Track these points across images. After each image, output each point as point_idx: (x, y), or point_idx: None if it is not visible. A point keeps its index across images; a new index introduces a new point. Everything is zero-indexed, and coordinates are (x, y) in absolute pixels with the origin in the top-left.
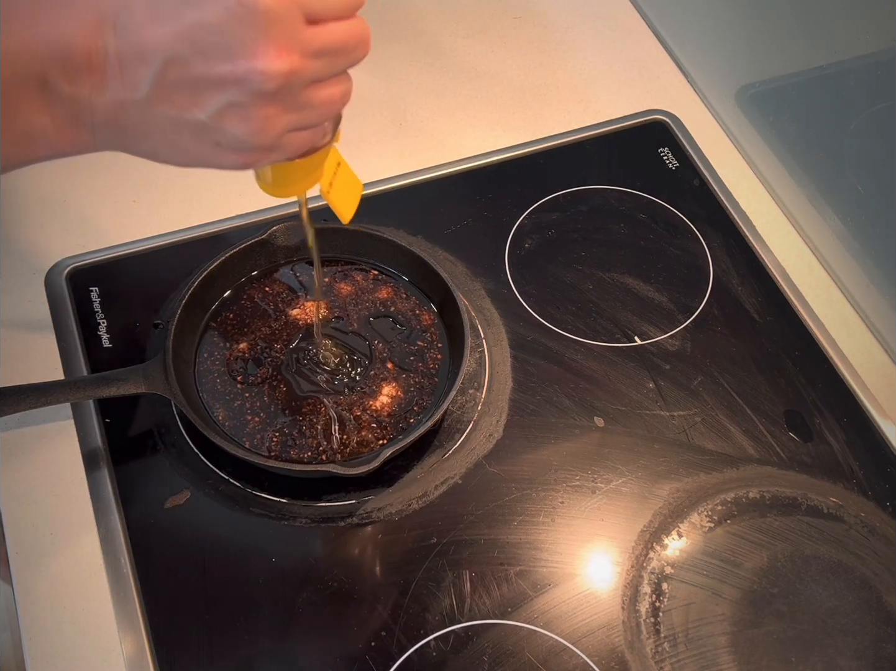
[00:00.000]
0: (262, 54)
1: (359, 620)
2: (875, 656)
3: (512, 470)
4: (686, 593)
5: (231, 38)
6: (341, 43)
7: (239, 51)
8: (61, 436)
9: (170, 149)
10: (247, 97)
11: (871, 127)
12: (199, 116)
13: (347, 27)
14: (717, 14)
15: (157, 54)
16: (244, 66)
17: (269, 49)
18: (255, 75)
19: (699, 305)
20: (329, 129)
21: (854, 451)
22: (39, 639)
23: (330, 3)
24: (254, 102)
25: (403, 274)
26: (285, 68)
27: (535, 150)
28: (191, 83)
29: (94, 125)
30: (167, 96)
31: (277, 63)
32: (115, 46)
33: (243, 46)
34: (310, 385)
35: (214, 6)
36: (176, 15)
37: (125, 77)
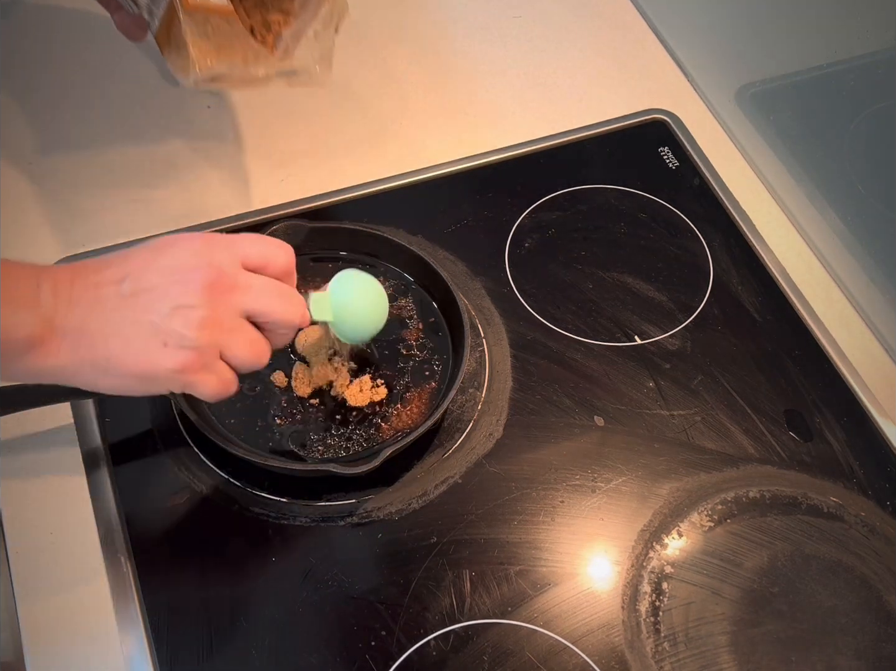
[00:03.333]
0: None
1: (359, 620)
2: (875, 655)
3: (512, 469)
4: (686, 592)
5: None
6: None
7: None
8: (61, 435)
9: (125, 352)
10: (192, 299)
11: (871, 127)
12: (152, 318)
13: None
14: (717, 14)
15: (117, 273)
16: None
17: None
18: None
19: (699, 305)
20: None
21: (854, 451)
22: (39, 639)
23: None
24: (197, 303)
25: (403, 273)
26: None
27: (535, 149)
28: (147, 293)
29: (65, 329)
30: (127, 305)
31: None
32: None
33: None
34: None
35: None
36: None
37: (89, 293)
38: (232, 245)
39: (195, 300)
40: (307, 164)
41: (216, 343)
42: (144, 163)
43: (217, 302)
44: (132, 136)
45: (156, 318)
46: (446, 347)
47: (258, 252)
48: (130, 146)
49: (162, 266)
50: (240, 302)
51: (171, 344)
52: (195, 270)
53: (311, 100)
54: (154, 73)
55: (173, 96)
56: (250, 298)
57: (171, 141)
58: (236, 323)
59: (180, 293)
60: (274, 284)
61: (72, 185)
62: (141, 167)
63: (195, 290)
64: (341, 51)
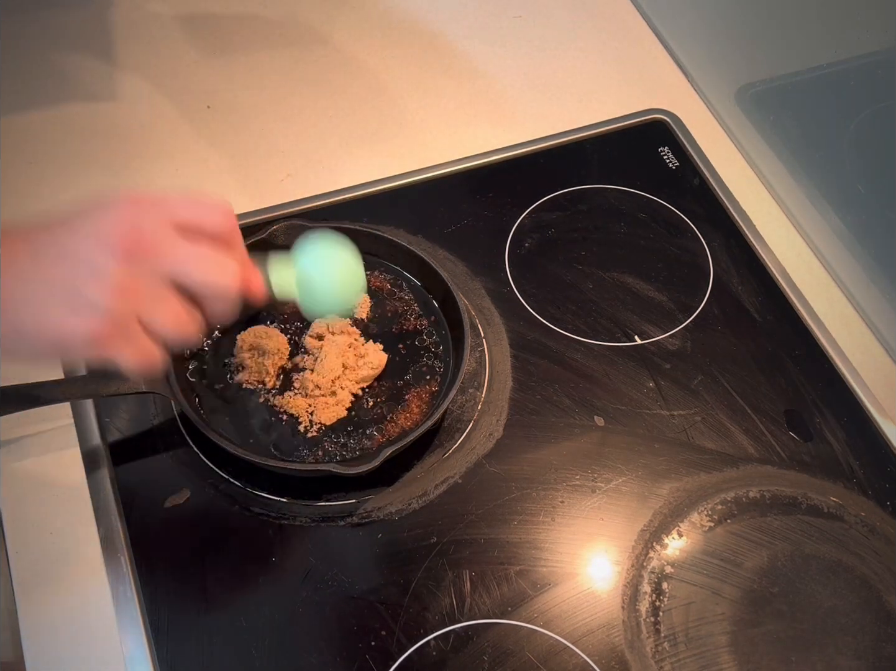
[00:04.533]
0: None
1: (359, 620)
2: (875, 655)
3: (512, 469)
4: (686, 592)
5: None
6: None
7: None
8: (61, 435)
9: (36, 318)
10: (107, 264)
11: (871, 127)
12: (66, 284)
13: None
14: (717, 14)
15: (37, 236)
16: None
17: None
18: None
19: (699, 305)
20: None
21: (854, 451)
22: (39, 639)
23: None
24: (113, 268)
25: (404, 273)
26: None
27: (535, 149)
28: (62, 257)
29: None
30: (41, 268)
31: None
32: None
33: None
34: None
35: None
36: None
37: (7, 257)
38: (162, 206)
39: (110, 265)
40: (307, 164)
41: (133, 311)
42: (143, 162)
43: (135, 266)
44: (131, 136)
45: (69, 282)
46: (446, 347)
47: (191, 213)
48: (129, 146)
49: (81, 228)
50: (162, 266)
51: (82, 311)
52: (114, 232)
53: (311, 100)
54: (154, 73)
55: (173, 96)
56: (173, 263)
57: (171, 141)
58: (158, 290)
59: (96, 256)
60: (202, 248)
61: (71, 185)
62: (140, 167)
63: (111, 253)
64: (341, 51)
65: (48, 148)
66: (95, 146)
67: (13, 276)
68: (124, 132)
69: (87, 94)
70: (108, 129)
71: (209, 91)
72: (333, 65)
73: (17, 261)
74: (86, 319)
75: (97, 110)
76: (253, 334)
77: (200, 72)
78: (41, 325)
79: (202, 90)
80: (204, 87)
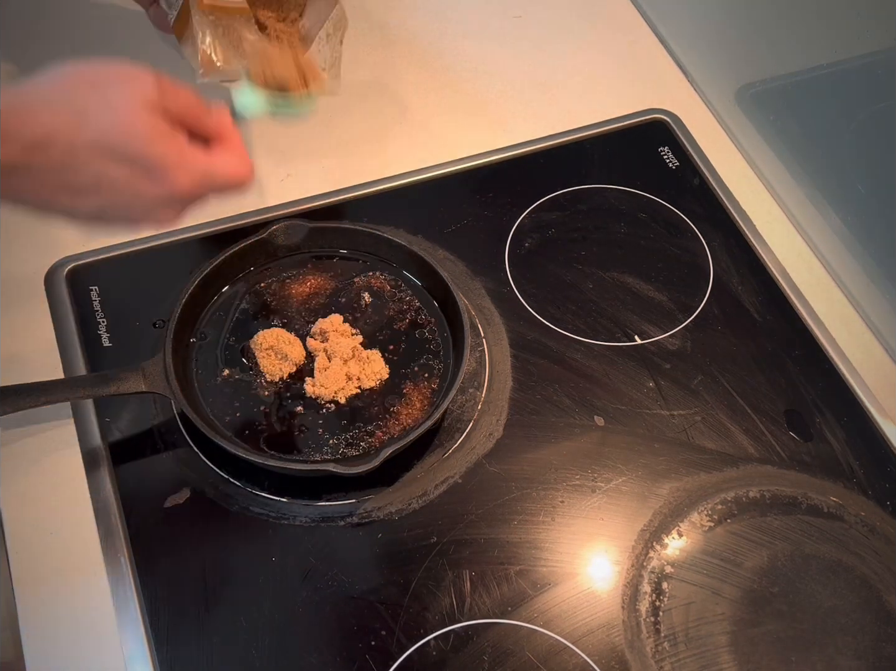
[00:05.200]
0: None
1: (359, 620)
2: (875, 655)
3: (512, 469)
4: (686, 592)
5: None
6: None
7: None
8: (61, 435)
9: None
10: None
11: (871, 127)
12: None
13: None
14: (717, 14)
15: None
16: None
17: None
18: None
19: (699, 304)
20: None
21: (854, 451)
22: (39, 639)
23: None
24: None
25: (403, 273)
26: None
27: (535, 149)
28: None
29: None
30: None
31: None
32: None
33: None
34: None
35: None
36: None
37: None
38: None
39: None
40: (307, 164)
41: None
42: None
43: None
44: None
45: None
46: (446, 347)
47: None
48: None
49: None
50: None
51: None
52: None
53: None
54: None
55: None
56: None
57: None
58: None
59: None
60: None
61: None
62: None
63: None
64: (342, 51)
65: None
66: None
67: (53, 136)
68: None
69: None
70: None
71: (209, 91)
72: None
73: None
74: (158, 186)
75: None
76: (276, 337)
77: None
78: (105, 183)
79: (202, 90)
80: (203, 86)
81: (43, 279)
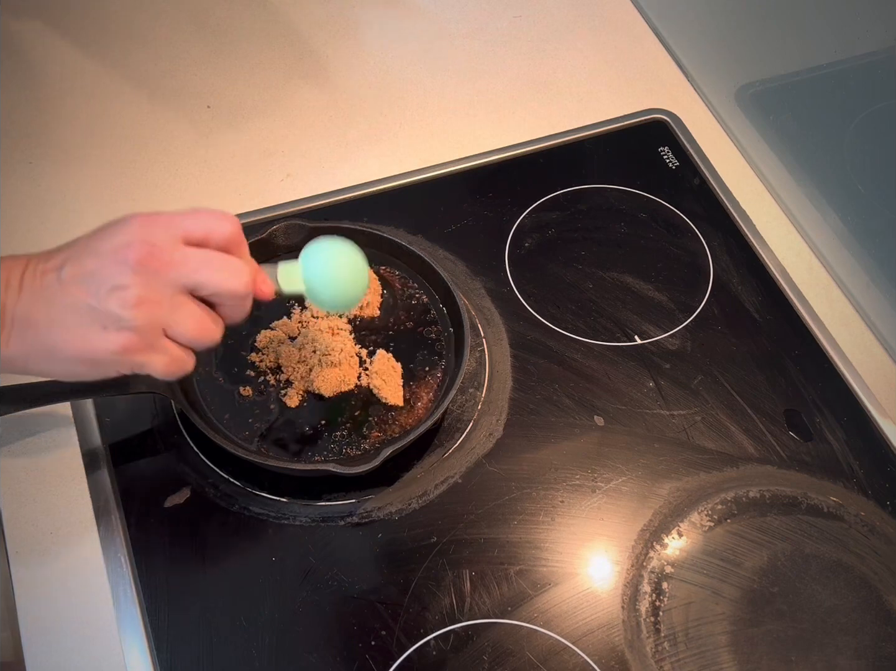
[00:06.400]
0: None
1: (359, 620)
2: (875, 655)
3: (512, 469)
4: (686, 592)
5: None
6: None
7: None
8: (61, 436)
9: (66, 338)
10: (126, 279)
11: (871, 126)
12: (89, 302)
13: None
14: (717, 14)
15: (59, 260)
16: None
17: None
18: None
19: (699, 304)
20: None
21: (854, 451)
22: (39, 639)
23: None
24: (131, 282)
25: (403, 272)
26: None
27: (535, 149)
28: (84, 277)
29: (14, 319)
30: (66, 290)
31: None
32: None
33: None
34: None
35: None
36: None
37: (35, 282)
38: (171, 222)
39: (129, 279)
40: (307, 164)
41: (157, 321)
42: (142, 162)
43: (152, 279)
44: (131, 136)
45: (93, 301)
46: (446, 347)
47: (198, 225)
48: (129, 146)
49: (99, 249)
50: (177, 276)
51: (109, 326)
52: (128, 249)
53: (311, 100)
54: (154, 73)
55: (173, 96)
56: (188, 271)
57: (171, 141)
58: (177, 299)
59: (115, 273)
60: (213, 255)
61: (71, 184)
62: (139, 166)
63: (128, 268)
64: (342, 51)
65: (48, 148)
66: (96, 146)
67: (41, 300)
68: (124, 132)
69: (87, 94)
70: (109, 129)
71: (209, 91)
72: (334, 65)
73: (46, 282)
74: (113, 333)
75: (97, 110)
76: (276, 337)
77: (200, 72)
78: (71, 344)
79: (202, 90)
80: (204, 87)
81: None
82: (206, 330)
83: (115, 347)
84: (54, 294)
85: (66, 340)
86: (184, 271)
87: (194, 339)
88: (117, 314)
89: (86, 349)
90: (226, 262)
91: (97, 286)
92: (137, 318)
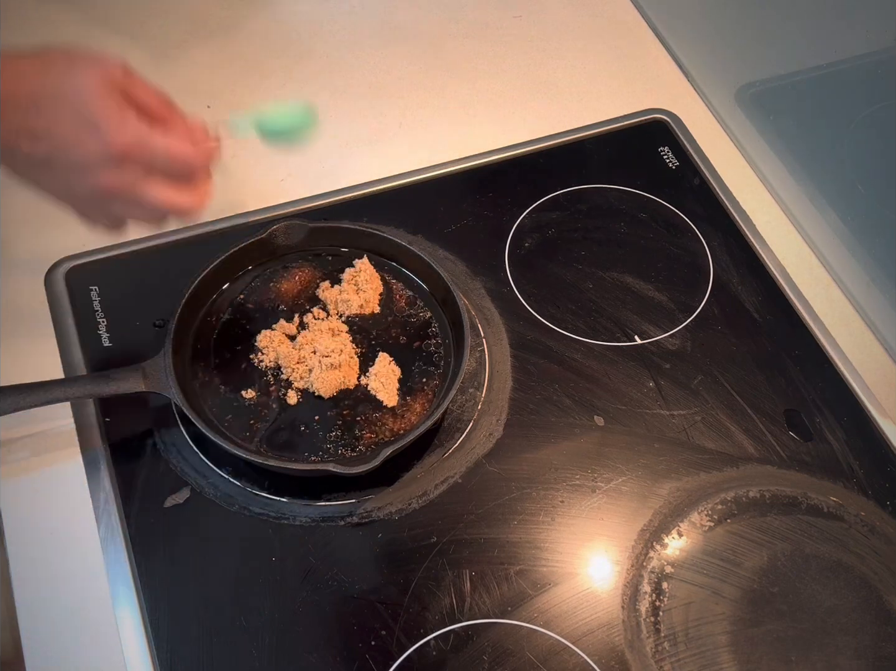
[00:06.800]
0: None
1: (359, 620)
2: (875, 655)
3: (512, 469)
4: (686, 592)
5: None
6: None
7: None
8: (61, 435)
9: (50, 121)
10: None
11: (871, 126)
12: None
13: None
14: (717, 14)
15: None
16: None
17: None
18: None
19: (699, 304)
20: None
21: (854, 451)
22: (39, 639)
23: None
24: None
25: (403, 273)
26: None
27: (535, 149)
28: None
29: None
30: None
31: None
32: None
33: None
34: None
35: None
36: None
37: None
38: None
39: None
40: (307, 164)
41: (131, 177)
42: None
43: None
44: None
45: (79, 109)
46: (447, 347)
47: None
48: None
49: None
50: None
51: (93, 131)
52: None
53: (311, 100)
54: (154, 73)
55: (173, 96)
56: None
57: None
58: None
59: (96, 100)
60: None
61: None
62: None
63: (109, 100)
64: (342, 50)
65: None
66: None
67: (28, 89)
68: None
69: None
70: None
71: (209, 91)
72: (334, 65)
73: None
74: (97, 140)
75: None
76: (276, 337)
77: (200, 72)
78: (56, 128)
79: (202, 90)
80: (204, 87)
81: (43, 279)
82: (173, 196)
83: (98, 153)
84: (38, 88)
85: (48, 124)
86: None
87: (165, 203)
88: (101, 125)
89: (69, 139)
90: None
91: (80, 102)
92: (118, 138)
